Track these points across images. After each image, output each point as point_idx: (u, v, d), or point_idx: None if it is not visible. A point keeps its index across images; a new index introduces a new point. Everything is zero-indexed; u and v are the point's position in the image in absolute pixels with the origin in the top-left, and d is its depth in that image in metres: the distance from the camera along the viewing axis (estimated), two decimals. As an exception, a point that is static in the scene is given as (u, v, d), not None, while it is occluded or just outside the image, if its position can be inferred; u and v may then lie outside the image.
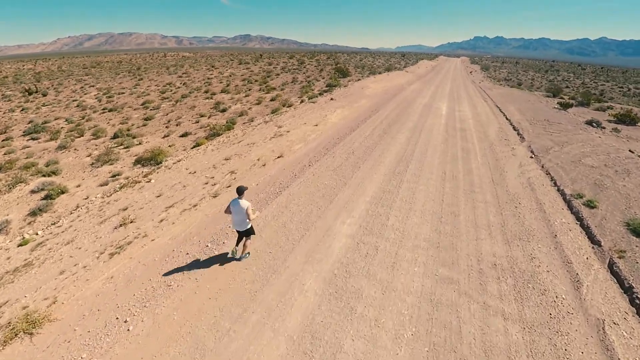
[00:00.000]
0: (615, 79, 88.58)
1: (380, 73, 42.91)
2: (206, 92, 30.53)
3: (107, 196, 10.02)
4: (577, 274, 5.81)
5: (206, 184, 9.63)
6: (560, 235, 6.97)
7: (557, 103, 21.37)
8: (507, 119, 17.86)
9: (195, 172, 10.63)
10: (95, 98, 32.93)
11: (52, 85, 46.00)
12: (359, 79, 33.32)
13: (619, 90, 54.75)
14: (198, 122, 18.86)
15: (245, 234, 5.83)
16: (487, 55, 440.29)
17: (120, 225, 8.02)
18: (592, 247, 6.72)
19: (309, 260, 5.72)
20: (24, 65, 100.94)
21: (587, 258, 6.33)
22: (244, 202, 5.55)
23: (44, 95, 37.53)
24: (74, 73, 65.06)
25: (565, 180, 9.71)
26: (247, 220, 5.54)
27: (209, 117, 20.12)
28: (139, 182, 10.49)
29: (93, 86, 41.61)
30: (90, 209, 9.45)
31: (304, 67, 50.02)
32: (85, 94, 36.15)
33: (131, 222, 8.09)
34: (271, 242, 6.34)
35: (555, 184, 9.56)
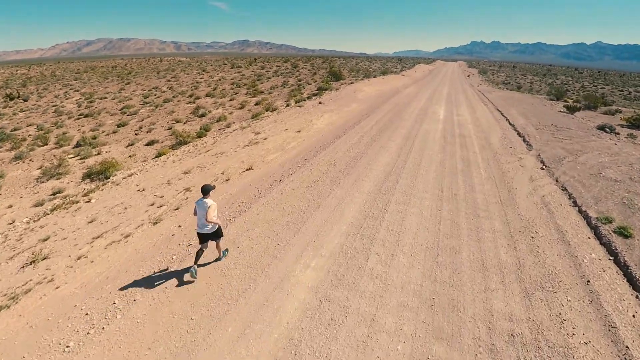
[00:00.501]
0: (614, 83, 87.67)
1: (375, 76, 41.46)
2: (190, 96, 28.93)
3: (34, 221, 8.28)
4: (627, 346, 4.10)
5: (151, 205, 7.90)
6: (594, 279, 5.27)
7: (563, 106, 19.80)
8: (510, 123, 16.25)
9: (144, 190, 8.91)
10: (76, 103, 31.28)
11: (37, 90, 44.35)
12: (352, 82, 31.80)
13: (619, 94, 53.51)
14: (171, 128, 17.19)
15: (211, 237, 5.22)
16: (484, 60, 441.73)
17: (30, 264, 6.28)
18: (638, 298, 5.03)
19: (241, 337, 3.95)
20: (17, 70, 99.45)
21: (633, 316, 4.63)
22: (208, 201, 5.04)
23: (25, 100, 35.88)
24: (65, 78, 63.53)
25: (587, 198, 8.04)
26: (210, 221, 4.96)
27: (184, 123, 18.46)
28: (77, 202, 8.76)
29: (77, 91, 39.99)
30: (8, 237, 7.71)
31: (297, 71, 48.59)
32: (67, 99, 34.49)
33: (44, 258, 6.35)
34: (196, 303, 4.58)
35: (575, 203, 7.88)
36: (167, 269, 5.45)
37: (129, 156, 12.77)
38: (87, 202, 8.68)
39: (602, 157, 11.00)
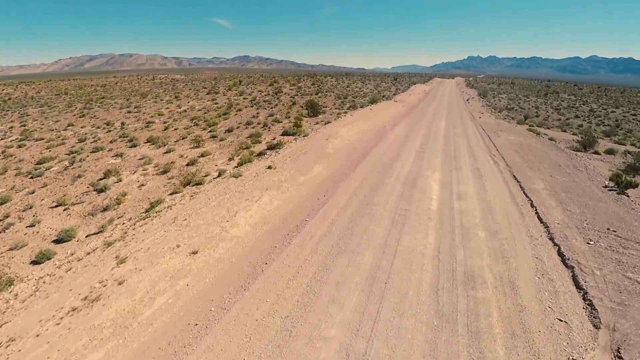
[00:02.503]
0: (618, 101, 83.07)
1: (362, 107, 36.25)
2: (131, 140, 23.56)
3: None
4: None
5: None
6: None
7: (609, 179, 14.11)
8: (539, 219, 10.58)
9: None
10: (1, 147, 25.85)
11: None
12: (328, 122, 26.42)
13: (632, 118, 48.28)
14: (34, 225, 11.52)
15: None
16: (480, 75, 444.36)
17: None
18: None
19: None
20: (2, 90, 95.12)
21: None
22: None
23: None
24: (41, 100, 58.98)
25: None
26: None
27: (69, 206, 12.86)
28: None
29: (24, 125, 34.65)
30: None
31: (278, 99, 43.54)
32: (1, 139, 29.11)
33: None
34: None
35: None
36: None
37: None
38: None
39: None
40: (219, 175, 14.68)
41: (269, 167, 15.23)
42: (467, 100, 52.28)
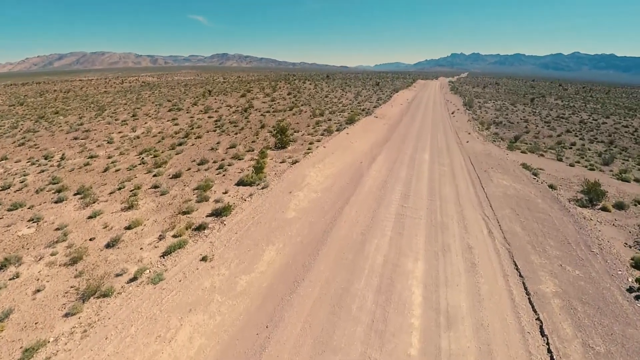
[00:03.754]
0: (606, 106, 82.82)
1: (338, 130, 32.86)
2: (59, 191, 19.44)
3: None
4: None
5: None
6: None
7: (632, 266, 11.22)
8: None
9: None
10: None
11: None
12: (296, 161, 22.87)
13: (625, 131, 46.53)
14: None
15: None
16: (464, 73, 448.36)
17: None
18: None
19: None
20: None
21: None
22: None
23: None
24: None
25: None
26: None
27: None
28: None
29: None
30: None
31: (246, 118, 39.63)
32: None
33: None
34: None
35: None
36: None
37: None
38: None
39: None
40: (135, 278, 10.98)
41: (204, 259, 11.65)
42: (453, 113, 49.60)
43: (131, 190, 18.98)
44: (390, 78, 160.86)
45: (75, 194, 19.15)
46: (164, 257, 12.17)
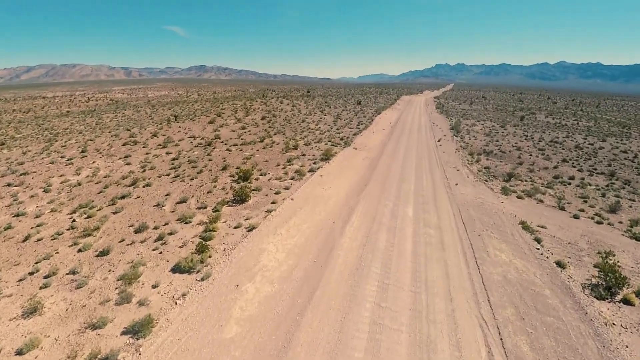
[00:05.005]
0: (598, 122, 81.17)
1: (312, 170, 28.90)
2: None
3: None
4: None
5: None
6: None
7: None
8: None
9: None
10: None
11: None
12: (253, 228, 18.58)
13: (624, 158, 43.51)
14: None
15: None
16: (449, 85, 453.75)
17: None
18: None
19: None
20: None
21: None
22: None
23: None
24: None
25: None
26: None
27: None
28: None
29: None
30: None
31: (208, 154, 35.43)
32: None
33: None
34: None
35: None
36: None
37: None
38: None
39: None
40: None
41: None
42: (439, 140, 46.20)
43: (44, 277, 14.53)
44: (373, 93, 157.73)
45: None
46: None
